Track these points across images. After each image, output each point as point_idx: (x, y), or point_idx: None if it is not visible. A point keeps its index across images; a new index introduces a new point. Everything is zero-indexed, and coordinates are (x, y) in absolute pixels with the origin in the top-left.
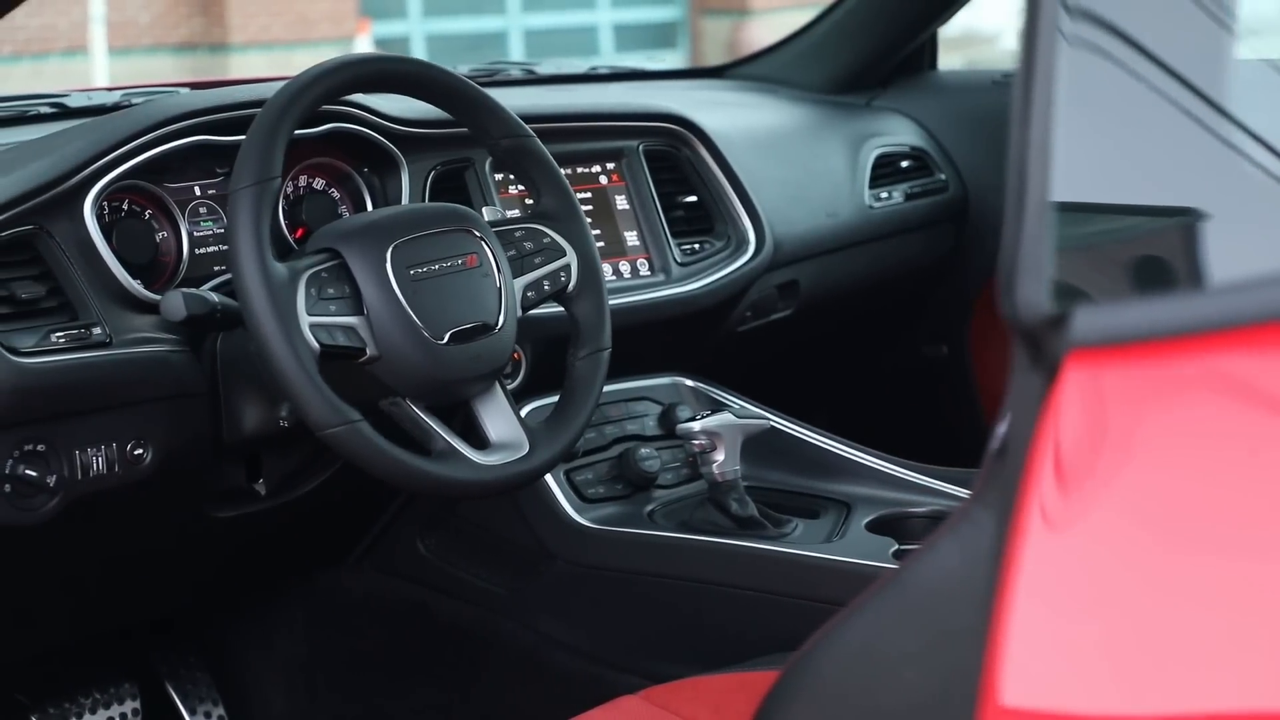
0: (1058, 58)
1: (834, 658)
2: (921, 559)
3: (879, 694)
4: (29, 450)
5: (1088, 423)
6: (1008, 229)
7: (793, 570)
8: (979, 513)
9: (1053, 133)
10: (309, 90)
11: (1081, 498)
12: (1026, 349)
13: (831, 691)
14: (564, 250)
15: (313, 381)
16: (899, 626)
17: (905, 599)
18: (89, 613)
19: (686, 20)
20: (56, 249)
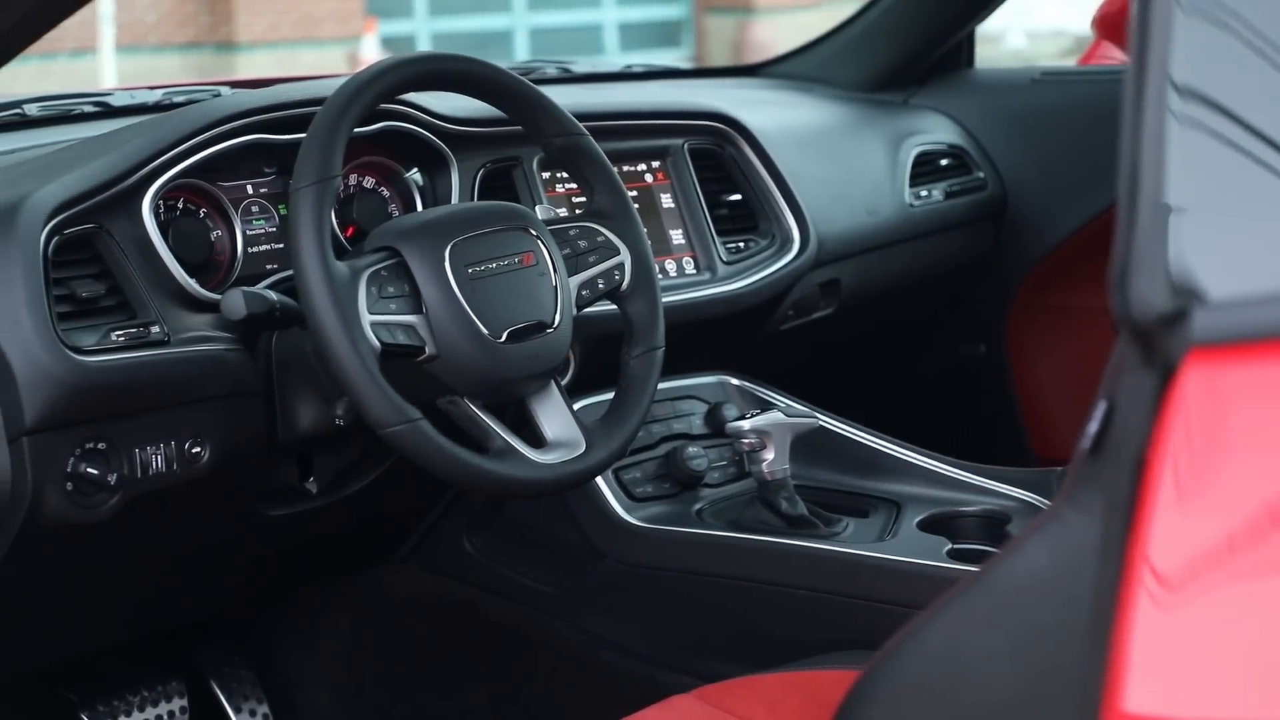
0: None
1: (918, 657)
2: (1007, 559)
3: (965, 693)
4: (90, 449)
5: (1210, 424)
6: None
7: (846, 569)
8: (1069, 513)
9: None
10: (369, 88)
11: (1205, 500)
12: (1138, 348)
13: (916, 691)
14: (618, 249)
15: (374, 380)
16: (986, 626)
17: (992, 599)
18: (140, 612)
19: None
20: (115, 248)
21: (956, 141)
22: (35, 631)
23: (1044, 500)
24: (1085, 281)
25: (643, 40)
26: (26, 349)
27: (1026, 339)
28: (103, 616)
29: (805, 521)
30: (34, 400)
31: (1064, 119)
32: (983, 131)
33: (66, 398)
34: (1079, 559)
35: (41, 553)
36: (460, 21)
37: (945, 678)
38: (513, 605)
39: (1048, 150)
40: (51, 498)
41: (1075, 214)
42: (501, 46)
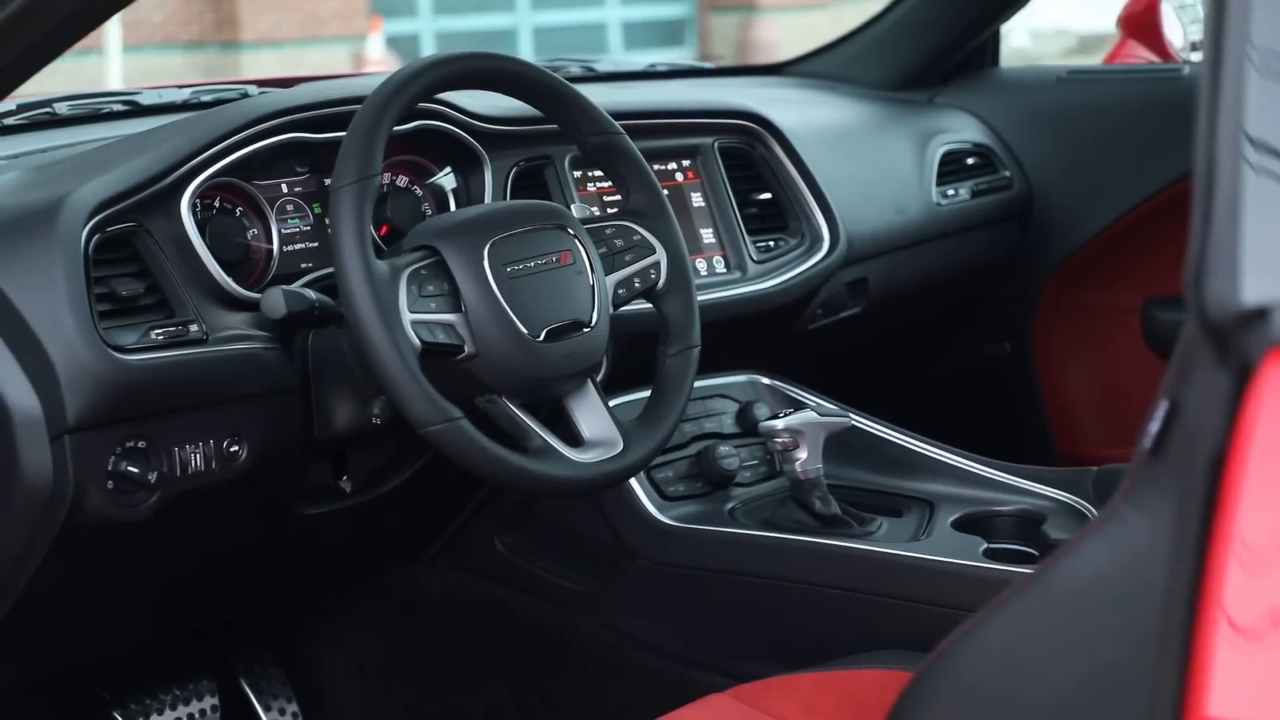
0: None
1: (974, 657)
2: (1065, 559)
3: (1022, 694)
4: (130, 447)
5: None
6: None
7: (881, 569)
8: (1130, 513)
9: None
10: (408, 87)
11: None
12: (1213, 347)
13: (972, 691)
14: (654, 248)
15: (415, 379)
16: (1044, 626)
17: (1050, 599)
18: (175, 610)
19: (695, 17)
20: (154, 246)
21: (982, 140)
22: (72, 631)
23: (1078, 500)
24: (1111, 280)
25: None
26: (69, 348)
27: (1052, 338)
28: (138, 615)
29: (839, 521)
30: (76, 399)
31: (1090, 118)
32: (1008, 130)
33: (108, 396)
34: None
35: (81, 551)
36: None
37: (1002, 678)
38: (544, 604)
39: (1074, 149)
40: (92, 496)
41: (1102, 213)
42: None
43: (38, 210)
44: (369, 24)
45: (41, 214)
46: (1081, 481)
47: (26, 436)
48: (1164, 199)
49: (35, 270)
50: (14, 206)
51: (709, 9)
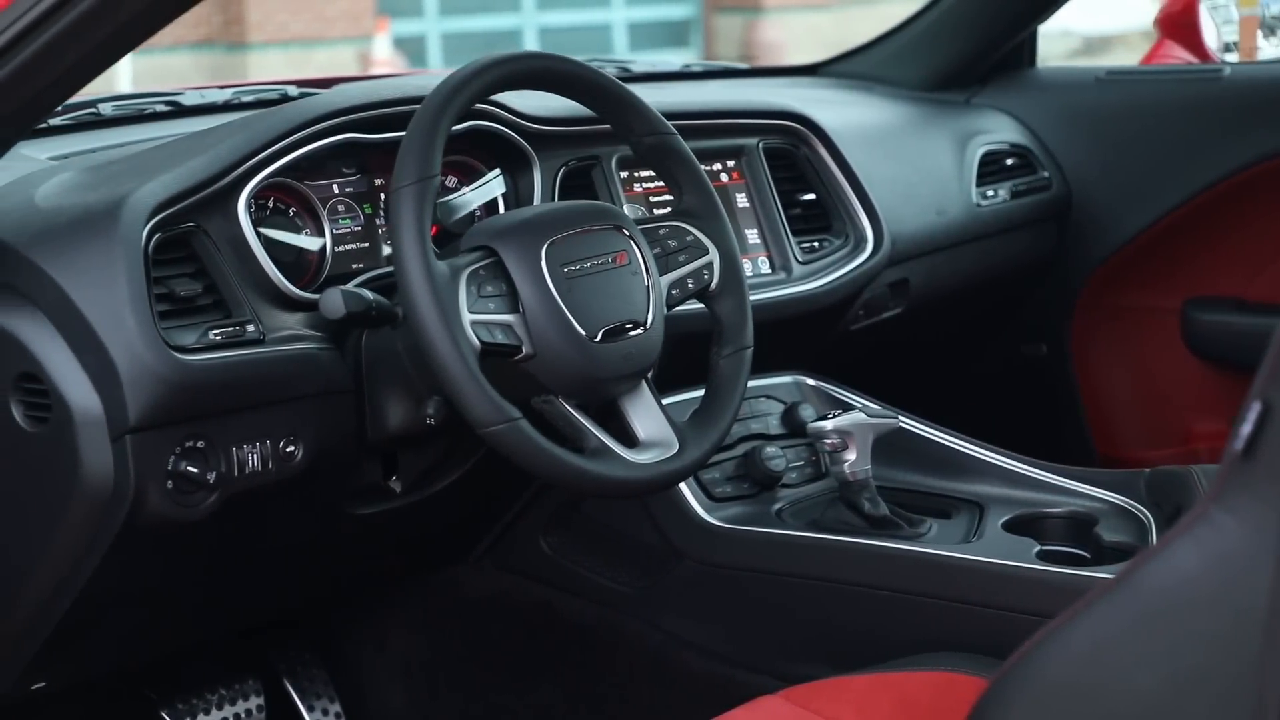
0: None
1: (1059, 659)
2: (1152, 561)
3: (1109, 697)
4: (189, 447)
5: None
6: None
7: (933, 571)
8: (1220, 516)
9: None
10: (466, 87)
11: None
12: None
13: (1056, 693)
14: (707, 248)
15: (475, 379)
16: (1131, 629)
17: (1137, 602)
18: (225, 611)
19: (700, 18)
20: (211, 247)
21: (1021, 141)
22: (127, 631)
23: (1131, 502)
24: (1150, 281)
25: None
26: (130, 348)
27: (1090, 339)
28: (191, 616)
29: (888, 522)
30: (138, 399)
31: (1129, 118)
32: (1047, 131)
33: (169, 396)
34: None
35: (140, 552)
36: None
37: (1088, 680)
38: (589, 605)
39: (1113, 150)
40: (153, 496)
41: (1140, 214)
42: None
43: (99, 211)
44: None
45: (103, 214)
46: (1133, 483)
47: (88, 437)
48: (1204, 200)
49: (97, 270)
50: (74, 207)
51: (714, 9)
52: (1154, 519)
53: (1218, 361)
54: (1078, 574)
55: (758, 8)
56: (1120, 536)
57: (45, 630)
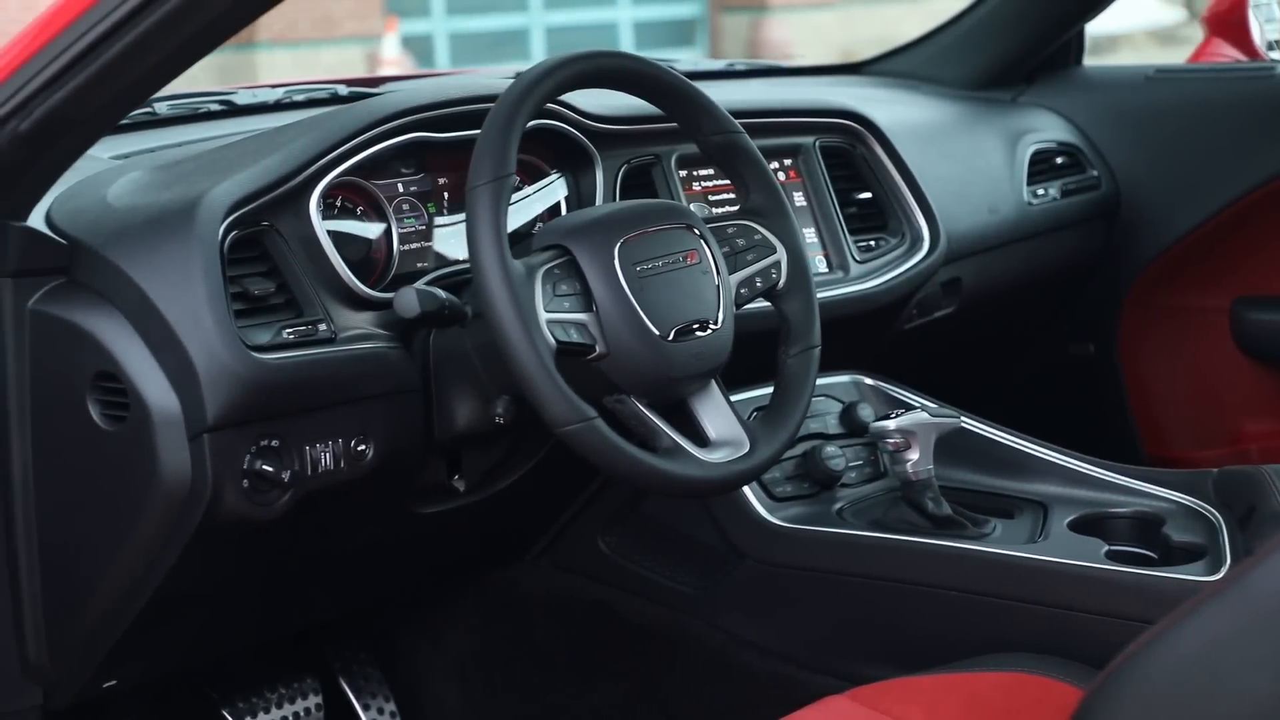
0: None
1: (1167, 662)
2: (1263, 564)
3: (1221, 700)
4: (264, 446)
5: None
6: None
7: (1001, 571)
8: None
9: None
10: (540, 85)
11: None
12: None
13: (1164, 696)
14: (774, 247)
15: (552, 378)
16: (1243, 632)
17: (1249, 605)
18: (290, 610)
19: (706, 17)
20: (282, 245)
21: (1069, 140)
22: (197, 630)
23: (1199, 503)
24: (1199, 281)
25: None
26: (209, 346)
27: (1138, 338)
28: (256, 615)
29: (952, 522)
30: (216, 397)
31: (1179, 117)
32: (1095, 130)
33: (247, 395)
34: None
35: (214, 550)
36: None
37: (1197, 683)
38: (648, 605)
39: (1162, 148)
40: (229, 494)
41: (1190, 213)
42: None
43: (175, 210)
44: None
45: (179, 213)
46: (1201, 483)
47: (165, 435)
48: (1254, 198)
49: (174, 269)
50: (150, 206)
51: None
52: (1224, 519)
53: (1268, 361)
54: (1148, 574)
55: (763, 7)
56: (1189, 537)
57: (119, 629)
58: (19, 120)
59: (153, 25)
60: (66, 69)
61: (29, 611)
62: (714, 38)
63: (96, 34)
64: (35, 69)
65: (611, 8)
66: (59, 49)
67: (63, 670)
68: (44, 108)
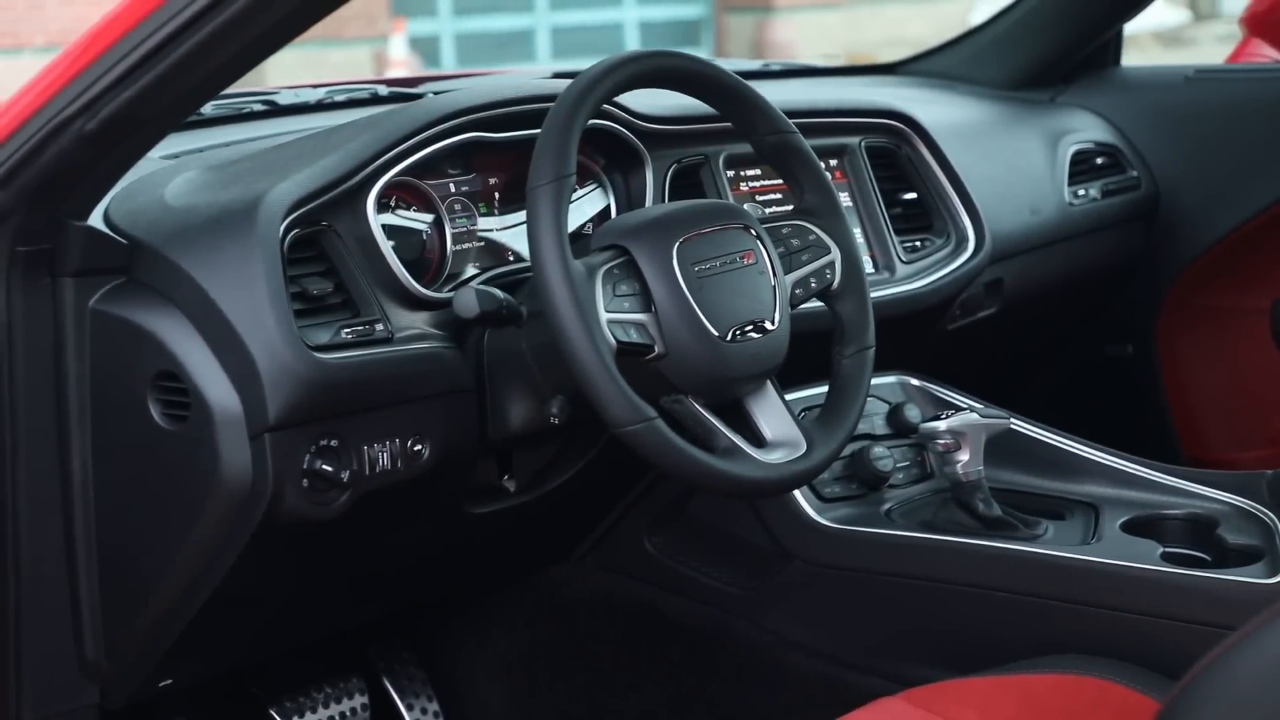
0: None
1: (1254, 666)
2: None
3: None
4: (324, 445)
5: None
6: None
7: (1055, 573)
8: None
9: None
10: (598, 86)
11: None
12: None
13: (1250, 701)
14: (829, 247)
15: (613, 378)
16: None
17: None
18: (341, 609)
19: (711, 17)
20: (340, 245)
21: (1109, 140)
22: (251, 629)
23: (1253, 504)
24: (1239, 282)
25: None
26: (270, 346)
27: (1177, 339)
28: (309, 614)
29: (1004, 524)
30: (278, 397)
31: (1219, 117)
32: (1134, 130)
33: (308, 395)
34: None
35: (273, 550)
36: (483, 21)
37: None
38: (694, 605)
39: (1202, 149)
40: (289, 494)
41: (1230, 214)
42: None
43: (235, 209)
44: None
45: (239, 213)
46: (1254, 485)
47: (227, 435)
48: None
49: (235, 269)
50: (209, 205)
51: (725, 9)
52: (1279, 521)
53: None
54: (1206, 577)
55: (769, 7)
56: (1244, 539)
57: (177, 628)
58: (85, 120)
59: (222, 24)
60: (134, 69)
61: (87, 610)
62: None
63: (165, 33)
64: (102, 69)
65: (617, 8)
66: (127, 48)
67: (120, 669)
68: (111, 108)
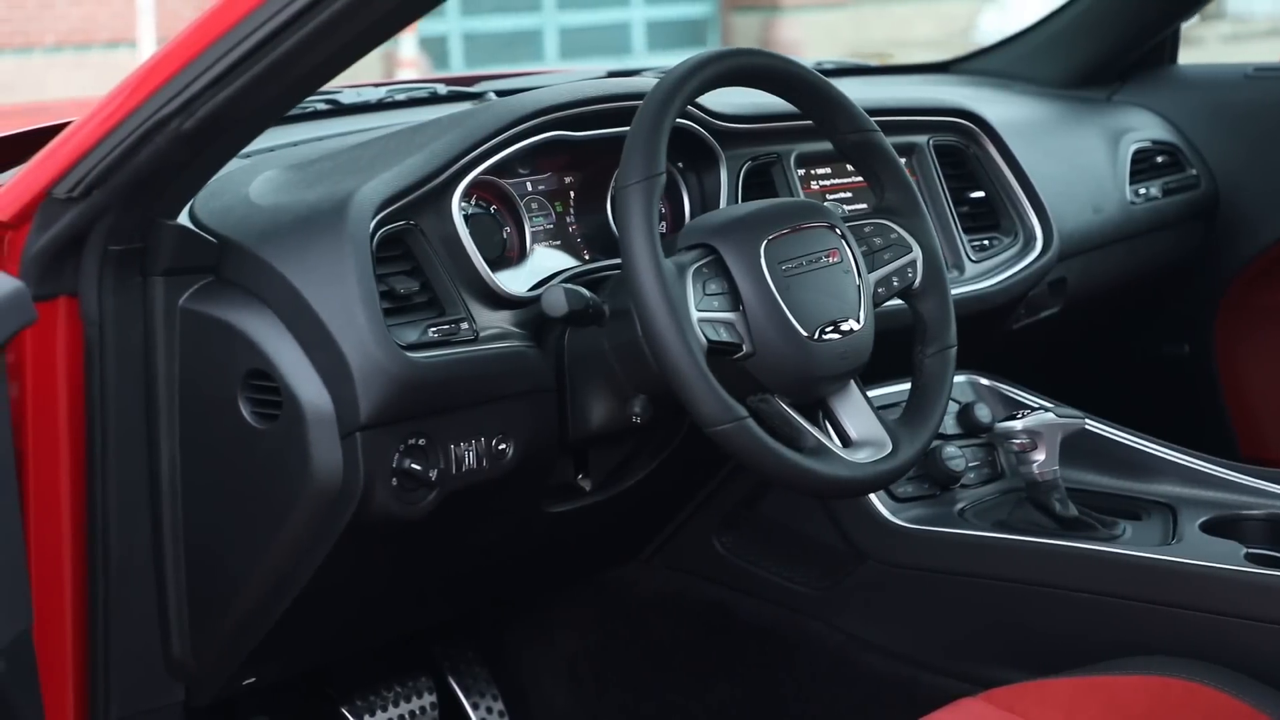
0: None
1: None
2: None
3: None
4: (413, 445)
5: None
6: None
7: (1137, 573)
8: None
9: None
10: (687, 83)
11: None
12: None
13: None
14: (910, 246)
15: (706, 377)
16: None
17: None
18: (418, 608)
19: (717, 17)
20: (424, 244)
21: (1168, 138)
22: (334, 628)
23: None
24: None
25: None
26: (363, 345)
27: (1235, 339)
28: (389, 613)
29: (1081, 524)
30: (369, 396)
31: (1279, 115)
32: (1192, 128)
33: (399, 394)
34: None
35: (361, 549)
36: (491, 21)
37: None
38: (765, 605)
39: (1261, 147)
40: (379, 493)
41: None
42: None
43: (325, 208)
44: None
45: (329, 212)
46: None
47: (318, 434)
48: None
49: (327, 268)
50: (298, 204)
51: (731, 9)
52: None
53: None
54: None
55: (775, 6)
56: None
57: (264, 627)
58: (182, 119)
59: (324, 21)
60: (234, 67)
61: (174, 609)
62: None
63: (267, 30)
64: (201, 67)
65: (624, 8)
66: (227, 46)
67: (206, 667)
68: (209, 106)
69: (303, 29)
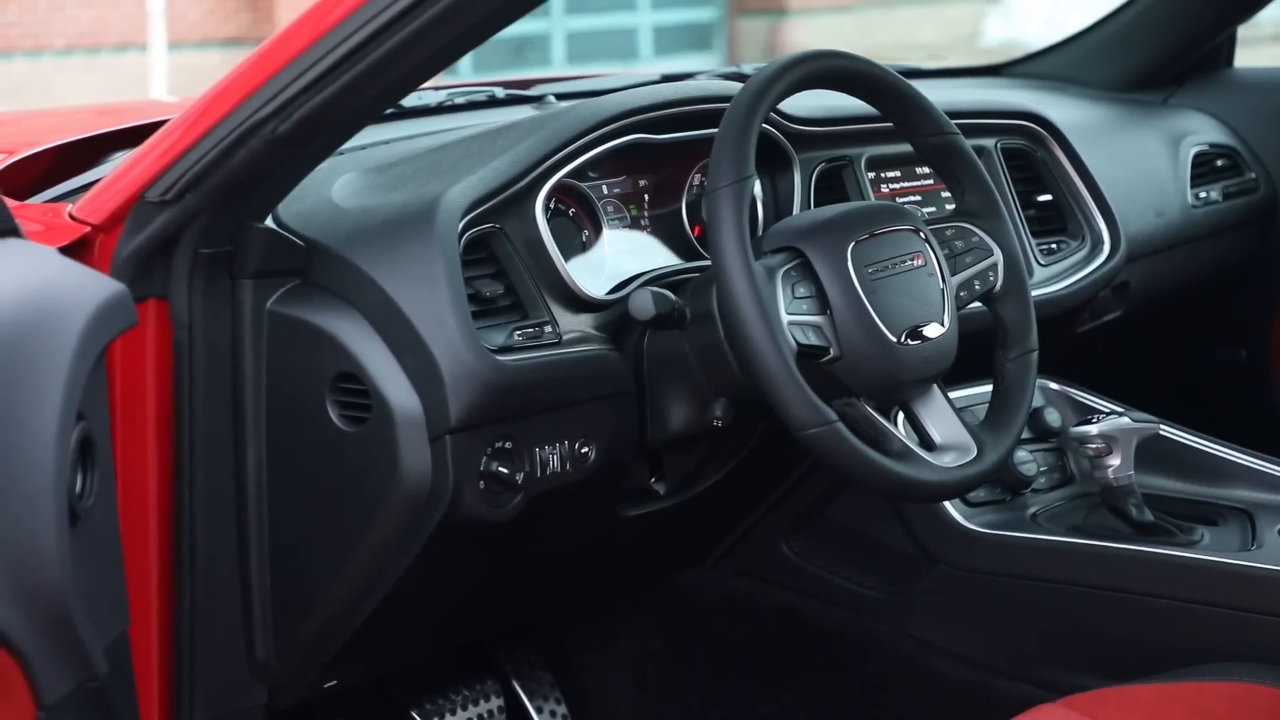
0: None
1: None
2: None
3: None
4: (499, 448)
5: None
6: None
7: (1217, 579)
8: None
9: None
10: (774, 86)
11: None
12: None
13: None
14: (991, 249)
15: (796, 381)
16: None
17: None
18: (496, 610)
19: (724, 21)
20: (508, 247)
21: (1226, 142)
22: (416, 631)
23: None
24: None
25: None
26: (452, 348)
27: None
28: (469, 615)
29: (1158, 529)
30: (459, 399)
31: None
32: (1250, 132)
33: (488, 397)
34: None
35: (447, 553)
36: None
37: None
38: (835, 610)
39: None
40: (467, 496)
41: None
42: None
43: (413, 211)
44: None
45: (417, 215)
46: None
47: (407, 436)
48: None
49: (416, 271)
50: (384, 207)
51: (738, 12)
52: None
53: None
54: None
55: (781, 10)
56: None
57: (349, 630)
58: (278, 122)
59: (423, 24)
60: (331, 70)
61: (259, 612)
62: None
63: (366, 34)
64: (298, 70)
65: (631, 13)
66: (324, 50)
67: (289, 670)
68: (304, 110)
69: (401, 31)
